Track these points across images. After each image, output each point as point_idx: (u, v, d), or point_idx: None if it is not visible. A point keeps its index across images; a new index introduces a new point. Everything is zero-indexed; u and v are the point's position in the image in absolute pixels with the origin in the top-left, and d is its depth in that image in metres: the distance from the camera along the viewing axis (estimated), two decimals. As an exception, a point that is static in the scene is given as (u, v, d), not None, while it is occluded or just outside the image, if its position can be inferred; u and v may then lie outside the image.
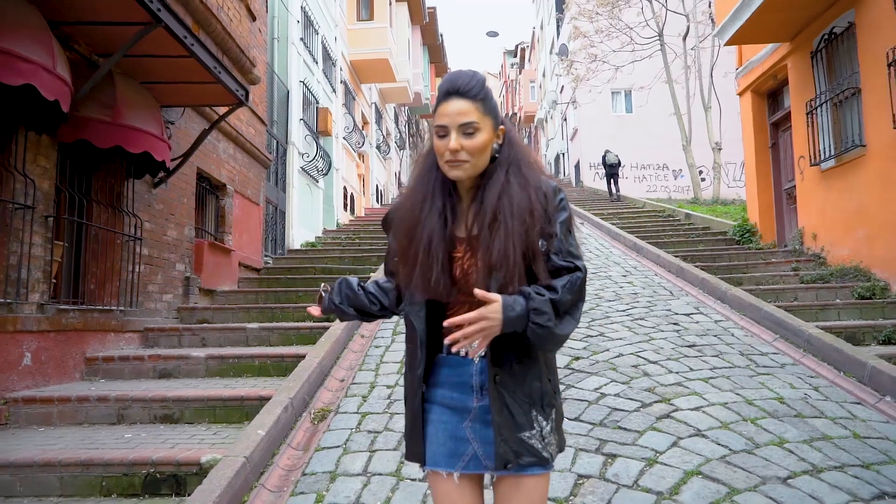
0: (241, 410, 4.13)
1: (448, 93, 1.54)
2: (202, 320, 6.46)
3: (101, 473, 3.26)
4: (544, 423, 1.56)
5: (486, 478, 1.64)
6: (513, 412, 1.53)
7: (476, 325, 1.44)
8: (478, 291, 1.46)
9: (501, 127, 1.59)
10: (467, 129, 1.52)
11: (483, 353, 1.59)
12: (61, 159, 4.91)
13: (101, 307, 5.25)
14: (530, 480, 1.55)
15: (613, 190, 18.22)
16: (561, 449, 1.61)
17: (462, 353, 1.62)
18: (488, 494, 1.65)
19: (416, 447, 1.64)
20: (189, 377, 4.97)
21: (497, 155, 1.58)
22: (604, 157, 18.41)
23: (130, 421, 4.13)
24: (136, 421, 4.13)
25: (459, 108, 1.52)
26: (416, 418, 1.65)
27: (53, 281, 4.80)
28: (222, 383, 4.71)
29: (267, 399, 3.99)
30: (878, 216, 6.77)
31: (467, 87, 1.53)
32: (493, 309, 1.45)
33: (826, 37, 7.68)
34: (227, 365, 5.05)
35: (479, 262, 1.53)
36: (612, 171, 18.13)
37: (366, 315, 1.84)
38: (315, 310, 1.87)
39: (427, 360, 1.66)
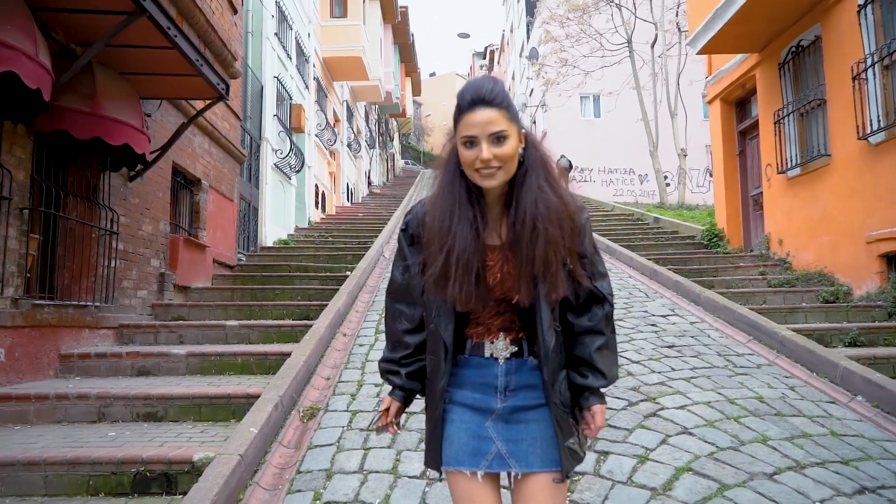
0: (228, 409, 4.07)
1: (473, 102, 1.52)
2: (178, 317, 6.32)
3: (89, 472, 3.17)
4: (578, 427, 1.63)
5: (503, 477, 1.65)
6: (561, 425, 1.59)
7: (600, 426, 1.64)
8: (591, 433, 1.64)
9: (522, 130, 1.60)
10: (498, 137, 1.52)
11: (508, 356, 1.61)
12: (37, 150, 4.75)
13: (75, 303, 5.10)
14: (553, 478, 1.57)
15: None
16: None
17: (487, 353, 1.63)
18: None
19: (434, 453, 1.65)
20: (169, 375, 4.87)
21: (522, 159, 1.59)
22: (557, 162, 18.68)
23: (112, 419, 4.03)
24: (118, 419, 4.03)
25: (488, 118, 1.51)
26: (436, 426, 1.65)
27: (27, 275, 4.64)
28: (205, 381, 4.63)
29: (255, 397, 3.94)
30: (841, 223, 7.06)
31: (493, 96, 1.53)
32: (600, 411, 1.63)
33: (793, 49, 7.96)
34: (208, 363, 4.96)
35: (521, 271, 1.55)
36: None
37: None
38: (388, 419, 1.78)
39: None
